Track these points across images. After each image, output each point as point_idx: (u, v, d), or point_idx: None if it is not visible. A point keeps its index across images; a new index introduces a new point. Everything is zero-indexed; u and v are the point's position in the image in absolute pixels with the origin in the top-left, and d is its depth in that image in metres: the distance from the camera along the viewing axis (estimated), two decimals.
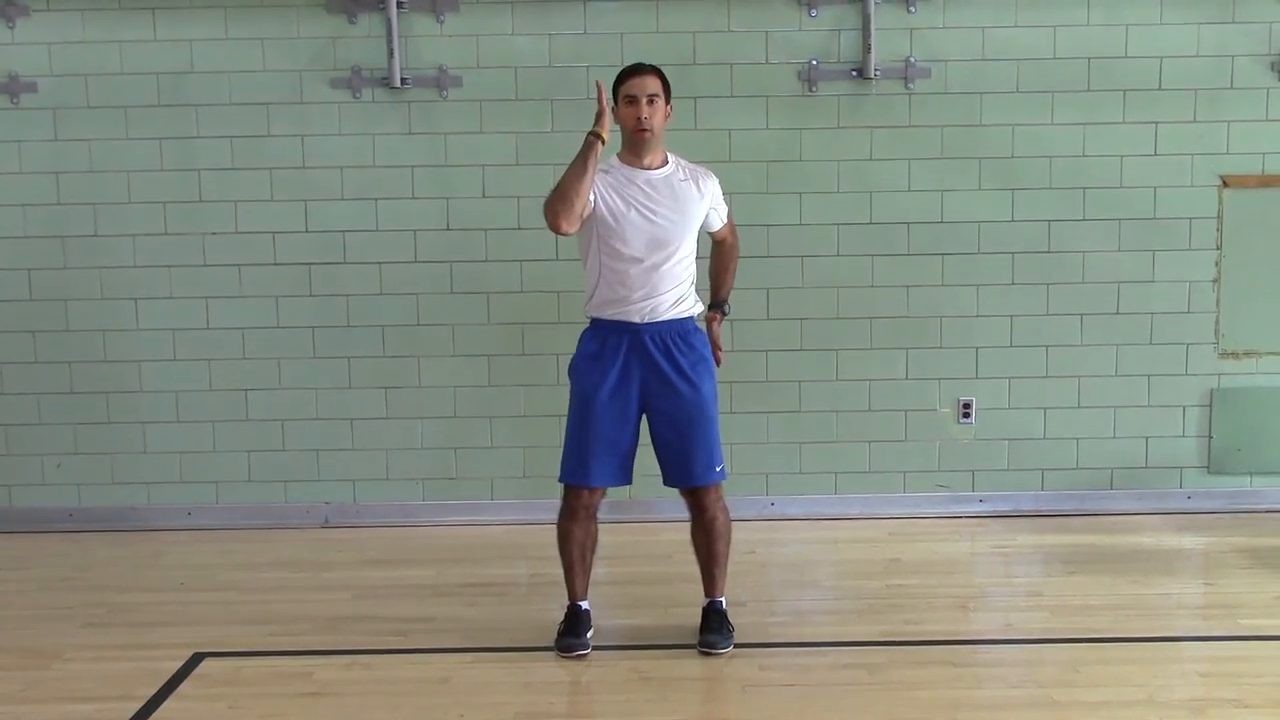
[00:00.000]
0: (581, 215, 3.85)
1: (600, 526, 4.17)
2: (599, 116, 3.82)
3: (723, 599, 4.18)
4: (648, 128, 3.87)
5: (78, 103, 5.41)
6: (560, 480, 4.07)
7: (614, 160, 3.98)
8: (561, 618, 4.14)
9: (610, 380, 3.95)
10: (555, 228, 3.83)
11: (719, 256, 4.31)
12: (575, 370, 4.05)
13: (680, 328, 3.98)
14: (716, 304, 4.29)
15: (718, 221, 4.17)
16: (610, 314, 3.95)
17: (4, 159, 5.44)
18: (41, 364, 5.54)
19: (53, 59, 5.39)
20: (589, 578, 4.16)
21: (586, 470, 3.99)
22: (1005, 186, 5.46)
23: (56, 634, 4.31)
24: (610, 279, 3.93)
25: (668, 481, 4.10)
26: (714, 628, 4.09)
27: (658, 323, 3.94)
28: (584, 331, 4.07)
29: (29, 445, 5.59)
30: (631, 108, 3.88)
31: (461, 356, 5.54)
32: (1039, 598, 4.59)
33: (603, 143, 3.80)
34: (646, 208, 3.89)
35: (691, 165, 4.07)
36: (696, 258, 4.07)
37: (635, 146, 3.94)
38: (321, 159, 5.44)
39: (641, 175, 3.93)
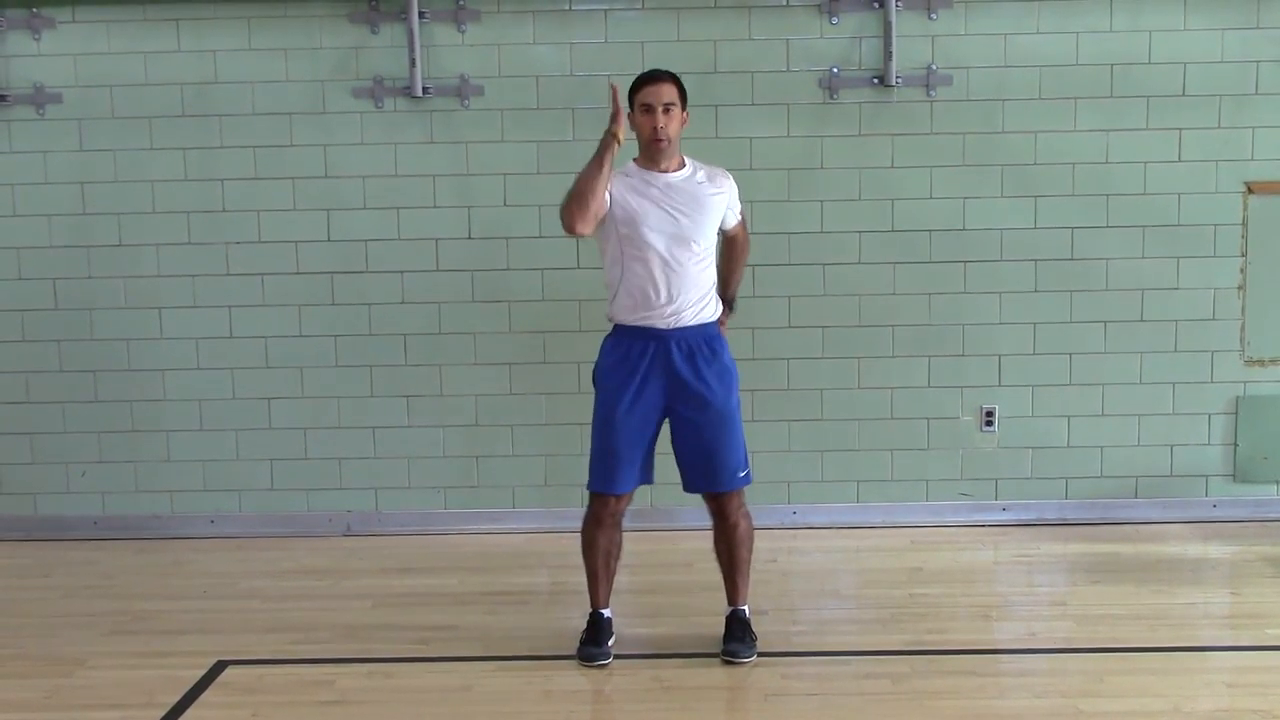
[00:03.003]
0: (598, 215, 3.86)
1: (624, 535, 4.17)
2: (614, 116, 3.83)
3: (745, 608, 4.17)
4: (664, 137, 3.88)
5: (102, 113, 5.45)
6: (588, 488, 4.06)
7: (630, 166, 3.99)
8: (583, 626, 4.13)
9: (633, 387, 3.95)
10: (570, 228, 3.86)
11: (729, 252, 4.24)
12: (599, 377, 4.05)
13: (704, 333, 3.98)
14: (725, 301, 4.21)
15: (733, 219, 4.15)
16: (635, 320, 3.94)
17: (30, 169, 5.48)
18: (66, 373, 5.58)
19: (78, 70, 5.43)
20: (611, 585, 4.16)
21: (613, 478, 3.99)
22: (1028, 194, 5.44)
23: (80, 641, 4.34)
24: (633, 283, 3.92)
25: (688, 488, 4.09)
26: (737, 636, 4.08)
27: (683, 329, 3.94)
28: (606, 337, 4.06)
29: (54, 453, 5.62)
30: (648, 116, 3.88)
31: (483, 365, 5.55)
32: (1063, 607, 4.56)
33: (618, 143, 3.81)
34: (666, 208, 3.90)
35: (708, 167, 4.07)
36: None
37: (652, 154, 3.94)
38: (344, 168, 5.46)
39: (660, 178, 3.93)
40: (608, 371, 4.00)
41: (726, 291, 4.25)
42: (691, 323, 3.94)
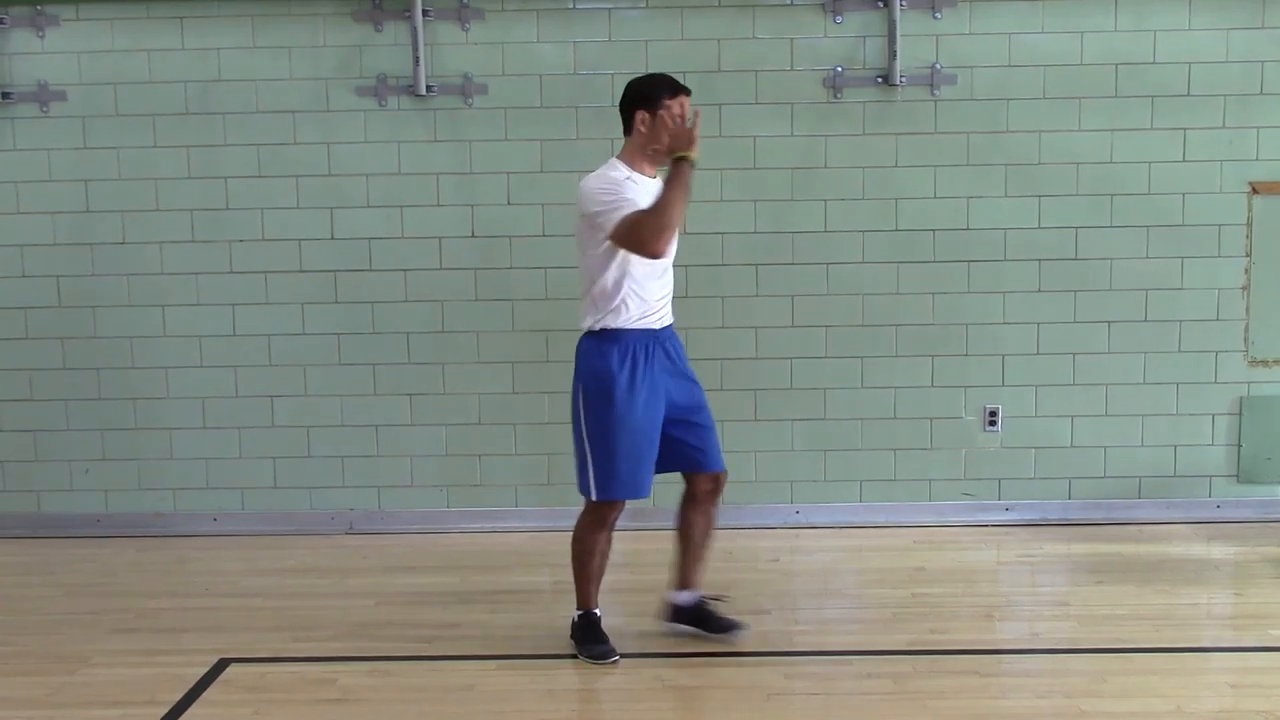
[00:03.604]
0: None
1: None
2: (693, 141, 3.79)
3: None
4: None
5: (106, 111, 5.45)
6: (603, 497, 3.97)
7: (622, 167, 3.92)
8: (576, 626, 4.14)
9: (646, 387, 3.94)
10: (656, 254, 3.77)
11: None
12: (605, 383, 3.92)
13: (673, 329, 4.11)
14: None
15: None
16: (638, 324, 3.94)
17: (33, 167, 5.48)
18: (70, 370, 5.58)
19: (81, 68, 5.44)
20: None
21: (639, 484, 3.97)
22: (1031, 193, 5.43)
23: (83, 639, 4.34)
24: (638, 289, 3.91)
25: (708, 468, 4.11)
26: (722, 614, 4.17)
27: (667, 326, 4.04)
28: (600, 345, 3.94)
29: (57, 451, 5.63)
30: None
31: (486, 363, 5.55)
32: (1066, 607, 4.55)
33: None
34: None
35: None
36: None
37: (660, 159, 3.94)
38: (347, 167, 5.46)
39: (651, 184, 3.94)
40: (615, 375, 3.92)
41: None
42: (670, 320, 4.07)
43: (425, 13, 5.33)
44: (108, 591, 4.90)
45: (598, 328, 3.95)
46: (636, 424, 3.93)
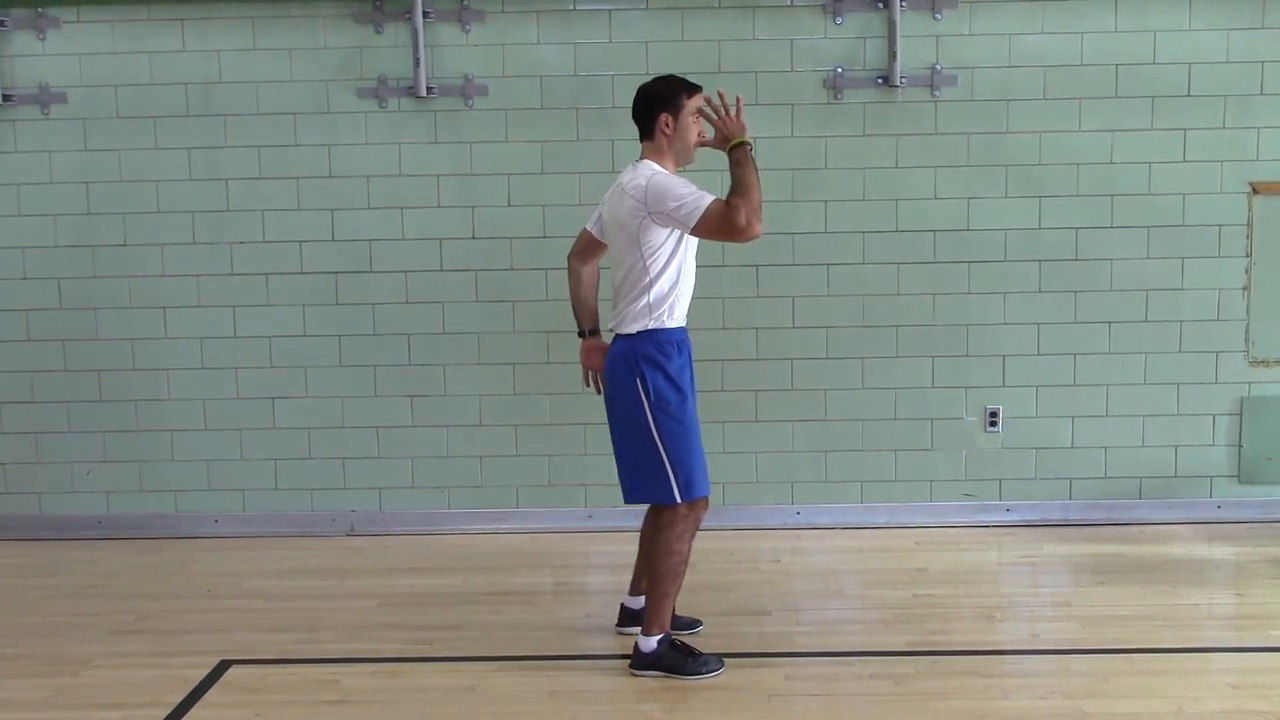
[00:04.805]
0: None
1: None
2: (743, 125, 3.84)
3: None
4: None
5: (107, 113, 5.46)
6: (696, 495, 3.89)
7: (660, 167, 3.88)
8: (660, 649, 3.93)
9: (694, 385, 3.97)
10: (757, 234, 3.75)
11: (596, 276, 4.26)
12: (676, 381, 3.86)
13: None
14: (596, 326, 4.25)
15: None
16: (681, 321, 3.93)
17: (35, 169, 5.49)
18: (71, 372, 5.58)
19: (83, 70, 5.44)
20: None
21: (707, 478, 3.95)
22: (1032, 194, 5.43)
23: (85, 641, 4.34)
24: (685, 288, 3.91)
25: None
26: (679, 614, 4.14)
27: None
28: (660, 344, 3.86)
29: (58, 453, 5.63)
30: (700, 125, 3.92)
31: (487, 365, 5.55)
32: (1067, 608, 4.56)
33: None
34: None
35: None
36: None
37: (687, 159, 3.95)
38: (348, 168, 5.47)
39: None
40: (682, 370, 3.90)
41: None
42: None
43: (426, 14, 5.33)
44: (109, 593, 4.90)
45: (652, 327, 3.86)
46: (697, 417, 3.93)
